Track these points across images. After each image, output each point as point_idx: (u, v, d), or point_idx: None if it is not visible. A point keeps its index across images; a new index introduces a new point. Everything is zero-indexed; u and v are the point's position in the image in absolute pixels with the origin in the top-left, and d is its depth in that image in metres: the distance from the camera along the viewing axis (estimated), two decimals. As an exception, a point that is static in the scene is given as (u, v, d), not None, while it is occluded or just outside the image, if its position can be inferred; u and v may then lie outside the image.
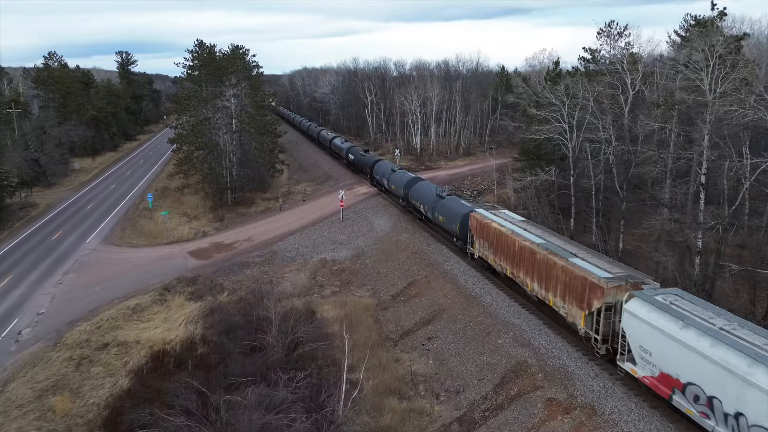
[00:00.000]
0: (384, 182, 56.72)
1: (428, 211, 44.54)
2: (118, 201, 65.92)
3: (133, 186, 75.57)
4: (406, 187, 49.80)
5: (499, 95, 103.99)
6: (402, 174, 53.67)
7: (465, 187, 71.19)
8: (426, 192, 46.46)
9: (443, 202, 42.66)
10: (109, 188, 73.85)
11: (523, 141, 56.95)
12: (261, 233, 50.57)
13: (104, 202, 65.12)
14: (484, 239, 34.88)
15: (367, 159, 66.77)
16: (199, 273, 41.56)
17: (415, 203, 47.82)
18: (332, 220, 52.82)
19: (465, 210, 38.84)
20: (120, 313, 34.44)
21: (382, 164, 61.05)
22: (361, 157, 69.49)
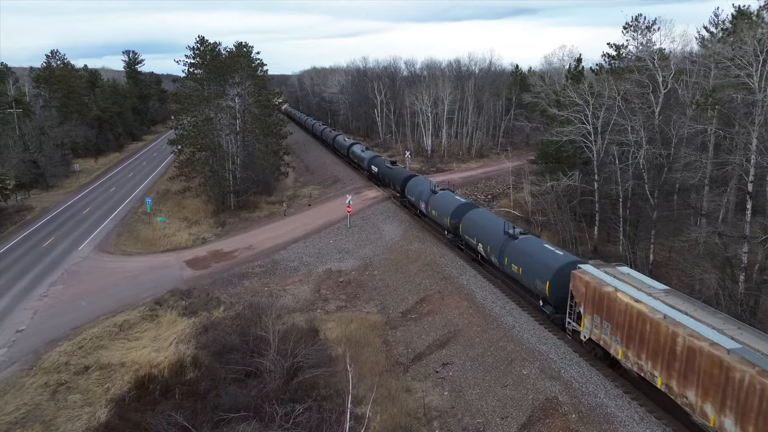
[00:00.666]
0: (420, 205, 46.01)
1: (493, 253, 32.48)
2: (117, 204, 63.28)
3: (133, 189, 73.00)
4: (455, 215, 38.96)
5: (513, 95, 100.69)
6: (448, 197, 42.29)
7: (479, 191, 67.85)
8: (487, 225, 34.96)
9: (517, 244, 30.23)
10: (108, 191, 71.29)
11: (541, 143, 53.57)
12: (263, 241, 47.59)
13: (102, 206, 62.50)
14: (603, 317, 22.81)
15: (396, 173, 55.07)
16: (195, 285, 38.63)
17: (469, 239, 36.81)
18: (339, 226, 49.76)
19: (560, 262, 26.46)
20: (105, 331, 31.54)
21: (417, 182, 49.17)
22: (387, 170, 58.28)
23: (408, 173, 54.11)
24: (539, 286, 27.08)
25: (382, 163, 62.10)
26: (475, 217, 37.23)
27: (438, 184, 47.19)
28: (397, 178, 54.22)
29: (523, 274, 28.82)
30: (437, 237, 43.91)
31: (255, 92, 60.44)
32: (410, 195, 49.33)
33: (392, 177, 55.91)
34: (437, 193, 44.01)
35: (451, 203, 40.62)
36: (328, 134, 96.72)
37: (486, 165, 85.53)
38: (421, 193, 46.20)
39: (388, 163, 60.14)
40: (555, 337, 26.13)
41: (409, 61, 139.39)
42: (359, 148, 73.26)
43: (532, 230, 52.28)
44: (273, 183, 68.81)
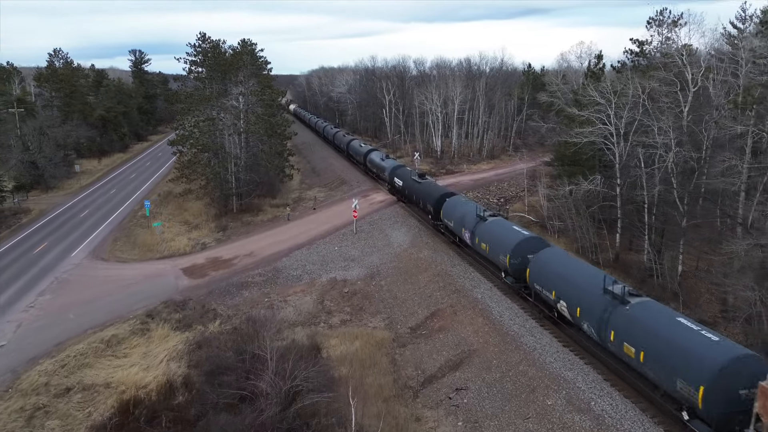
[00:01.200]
0: (464, 234, 36.69)
1: (593, 324, 22.57)
2: (116, 207, 61.20)
3: (135, 190, 70.96)
4: (516, 252, 29.61)
5: (526, 94, 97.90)
6: (503, 228, 32.99)
7: (491, 194, 65.16)
8: (572, 274, 25.65)
9: (631, 313, 21.09)
10: (109, 193, 69.29)
11: (559, 144, 50.82)
12: (265, 247, 45.22)
13: (101, 209, 60.45)
14: None
15: (428, 190, 45.07)
16: (191, 295, 36.30)
17: (543, 291, 27.01)
18: (344, 232, 47.29)
19: (722, 356, 17.67)
20: (91, 347, 29.26)
21: (457, 203, 39.97)
22: (415, 185, 47.99)
23: (443, 190, 43.98)
24: (683, 387, 18.29)
25: (407, 175, 51.44)
26: (552, 258, 27.53)
27: (486, 208, 38.31)
28: (429, 195, 44.17)
29: (656, 366, 19.65)
30: (448, 245, 41.33)
31: (258, 91, 58.12)
32: (447, 218, 40.00)
33: (422, 194, 45.76)
34: (487, 221, 34.43)
35: (510, 236, 31.18)
36: (341, 138, 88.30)
37: (497, 166, 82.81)
38: (464, 217, 37.08)
39: (415, 176, 49.29)
40: (582, 362, 23.49)
41: (418, 60, 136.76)
42: (378, 156, 64.44)
43: (548, 236, 49.63)
44: (277, 185, 66.51)
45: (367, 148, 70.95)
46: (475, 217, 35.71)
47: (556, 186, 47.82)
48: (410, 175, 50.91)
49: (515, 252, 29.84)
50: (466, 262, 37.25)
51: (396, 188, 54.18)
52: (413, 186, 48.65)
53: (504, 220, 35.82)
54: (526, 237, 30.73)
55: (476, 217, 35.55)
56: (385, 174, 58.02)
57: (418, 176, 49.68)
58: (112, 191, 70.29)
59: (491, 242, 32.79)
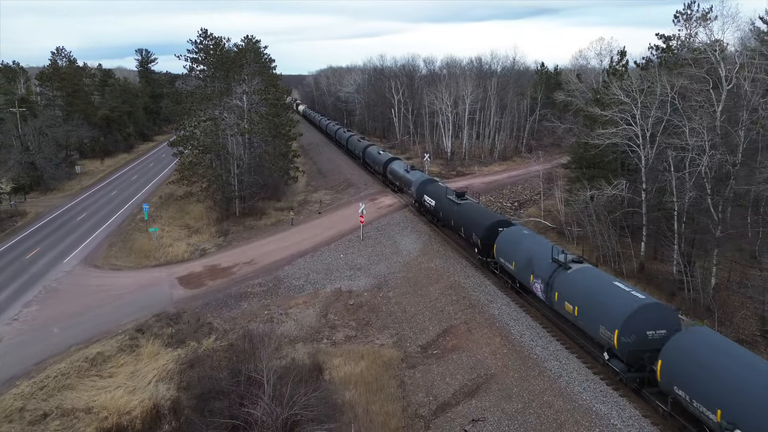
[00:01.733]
0: (534, 284, 27.18)
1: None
2: (115, 210, 59.10)
3: (136, 192, 68.92)
4: (630, 327, 20.37)
5: (539, 94, 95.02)
6: (604, 283, 23.33)
7: (504, 198, 62.44)
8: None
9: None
10: (109, 194, 67.24)
11: (578, 146, 48.04)
12: (267, 254, 42.82)
13: (99, 212, 58.36)
14: None
15: (472, 214, 35.95)
16: (185, 307, 33.93)
17: (691, 401, 17.58)
18: (350, 238, 44.80)
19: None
20: (74, 366, 26.95)
21: (518, 238, 30.62)
22: (452, 205, 38.95)
23: (495, 217, 34.69)
24: None
25: (441, 193, 41.68)
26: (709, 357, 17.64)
27: (565, 251, 27.78)
28: (474, 223, 34.67)
29: None
30: (461, 253, 38.71)
31: (262, 90, 55.79)
32: (505, 258, 30.42)
33: (464, 220, 36.19)
34: (571, 269, 24.88)
35: (617, 299, 21.46)
36: (355, 144, 79.40)
37: (510, 168, 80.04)
38: (531, 261, 27.38)
39: (453, 195, 39.92)
40: (617, 394, 20.81)
41: (428, 59, 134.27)
42: (401, 167, 55.04)
43: (565, 243, 46.91)
44: (282, 188, 64.15)
45: (387, 157, 62.01)
46: (549, 262, 26.26)
47: (575, 190, 45.08)
48: (445, 193, 41.23)
49: (627, 327, 20.30)
50: (481, 273, 34.61)
51: (426, 208, 45.00)
52: (450, 208, 39.16)
53: (596, 270, 25.51)
54: (645, 303, 20.65)
55: (552, 262, 26.14)
56: (411, 189, 48.92)
57: (456, 195, 39.89)
58: (113, 193, 68.25)
59: (584, 305, 22.89)
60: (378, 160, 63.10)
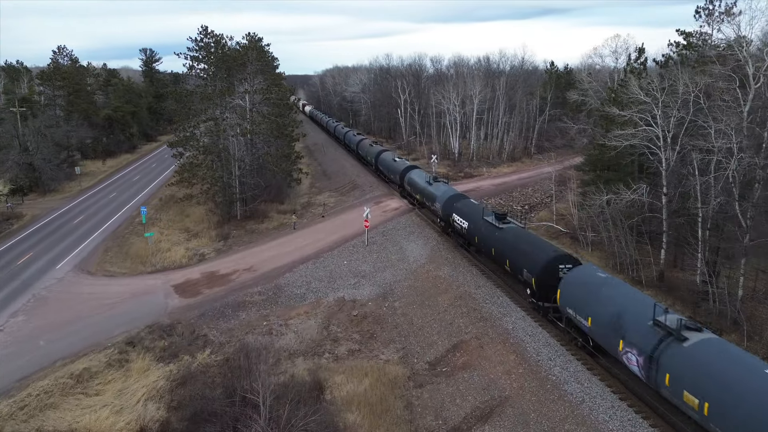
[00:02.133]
0: (628, 355, 19.94)
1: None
2: (113, 212, 57.52)
3: (136, 194, 67.38)
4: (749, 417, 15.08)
5: (549, 93, 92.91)
6: (750, 366, 16.50)
7: (514, 200, 60.40)
8: None
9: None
10: (108, 196, 65.70)
11: (593, 147, 45.96)
12: (267, 260, 41.03)
13: (97, 214, 56.79)
14: None
15: (522, 245, 29.34)
16: (180, 318, 32.17)
17: None
18: (355, 243, 42.94)
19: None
20: (58, 383, 25.22)
21: (596, 284, 23.21)
22: (492, 230, 32.13)
23: (557, 251, 28.21)
24: None
25: (476, 213, 34.73)
26: None
27: (669, 309, 20.18)
28: (526, 258, 28.14)
29: None
30: (471, 261, 36.77)
31: (264, 89, 54.02)
32: (580, 313, 22.96)
33: (511, 251, 29.47)
34: (687, 341, 17.77)
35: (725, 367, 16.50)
36: (367, 149, 71.17)
37: (519, 170, 78.02)
38: (620, 321, 20.45)
39: (492, 218, 32.99)
40: (647, 424, 18.81)
41: (435, 58, 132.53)
42: (421, 177, 47.06)
43: (580, 249, 44.92)
44: (285, 190, 62.36)
45: (404, 164, 54.49)
46: (650, 326, 19.09)
47: (590, 193, 43.05)
48: (481, 214, 34.26)
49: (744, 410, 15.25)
50: (492, 283, 32.66)
51: (456, 229, 38.04)
52: (489, 234, 32.11)
53: (726, 343, 18.28)
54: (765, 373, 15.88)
55: (654, 327, 18.92)
56: (435, 205, 41.48)
57: (496, 218, 32.62)
58: (113, 195, 66.72)
59: (714, 398, 16.14)
60: (394, 168, 53.99)
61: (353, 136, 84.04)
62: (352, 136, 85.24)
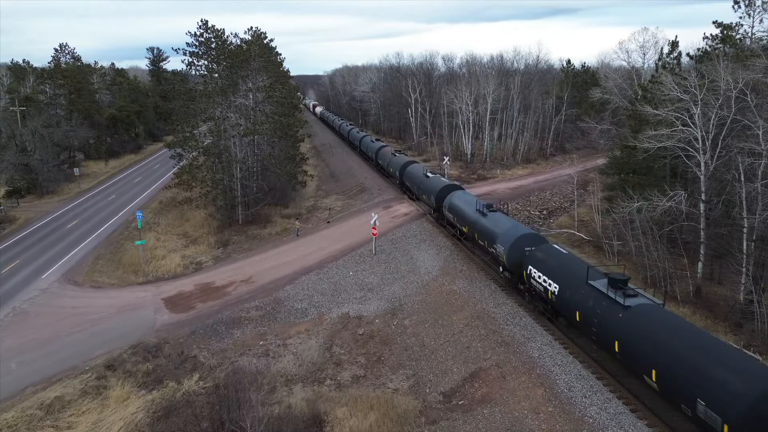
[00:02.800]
0: None
1: None
2: (110, 216, 54.93)
3: (136, 196, 64.80)
4: None
5: (565, 93, 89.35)
6: None
7: (532, 205, 57.05)
8: None
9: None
10: (107, 199, 63.17)
11: (620, 149, 42.56)
12: (267, 270, 38.08)
13: (93, 218, 54.22)
14: None
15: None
16: (168, 336, 29.28)
17: None
18: (362, 252, 39.88)
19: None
20: (25, 415, 22.38)
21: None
22: (615, 307, 20.98)
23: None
24: None
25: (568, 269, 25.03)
26: None
27: None
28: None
29: None
30: (488, 274, 33.56)
31: (268, 87, 51.11)
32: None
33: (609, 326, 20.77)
34: None
35: None
36: (388, 158, 61.89)
37: (535, 172, 74.55)
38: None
39: (555, 253, 27.14)
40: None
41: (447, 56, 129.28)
42: (470, 203, 36.95)
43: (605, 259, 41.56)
44: (289, 193, 59.44)
45: (440, 183, 43.55)
46: None
47: (617, 199, 39.69)
48: (550, 253, 27.21)
49: None
50: (514, 301, 29.45)
51: (539, 294, 26.98)
52: (610, 318, 20.81)
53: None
54: None
55: None
56: (495, 246, 30.61)
57: (594, 283, 22.69)
58: (111, 197, 64.18)
59: None
60: (429, 188, 44.95)
61: (371, 142, 76.80)
62: (369, 142, 77.73)
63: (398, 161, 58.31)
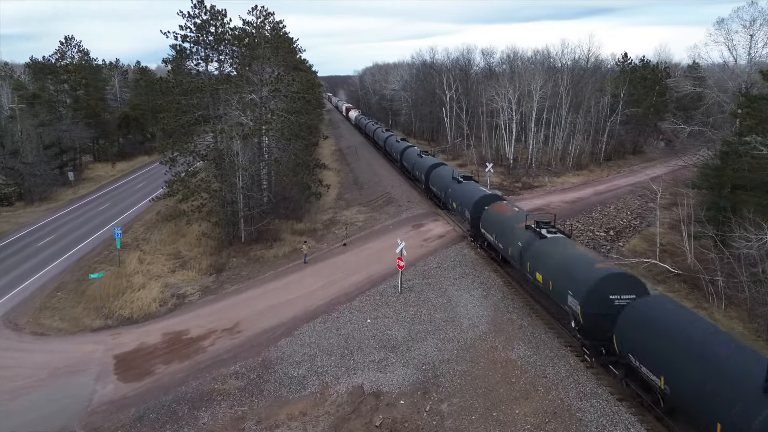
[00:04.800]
0: None
1: None
2: (93, 231, 47.16)
3: (133, 205, 57.07)
4: None
5: (622, 90, 78.54)
6: None
7: (595, 224, 46.85)
8: None
9: None
10: (98, 208, 55.59)
11: (721, 156, 32.31)
12: (260, 313, 29.27)
13: (72, 233, 46.51)
14: None
15: None
16: (103, 426, 20.59)
17: None
18: (384, 289, 30.74)
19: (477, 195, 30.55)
20: None
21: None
22: None
23: None
24: None
25: (681, 327, 16.22)
26: None
27: None
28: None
29: None
30: (561, 334, 23.95)
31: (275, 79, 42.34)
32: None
33: None
34: None
35: None
36: (417, 161, 52.39)
37: (591, 181, 64.25)
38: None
39: None
40: None
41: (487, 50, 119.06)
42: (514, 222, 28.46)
43: (701, 301, 31.50)
44: (303, 205, 50.69)
45: (476, 191, 35.28)
46: None
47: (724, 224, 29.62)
48: None
49: None
50: (608, 389, 19.75)
51: (643, 381, 17.74)
52: None
53: None
54: None
55: None
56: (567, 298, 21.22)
57: None
58: (104, 206, 56.58)
59: None
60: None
61: (395, 142, 67.71)
62: (394, 142, 68.69)
63: (424, 163, 49.99)
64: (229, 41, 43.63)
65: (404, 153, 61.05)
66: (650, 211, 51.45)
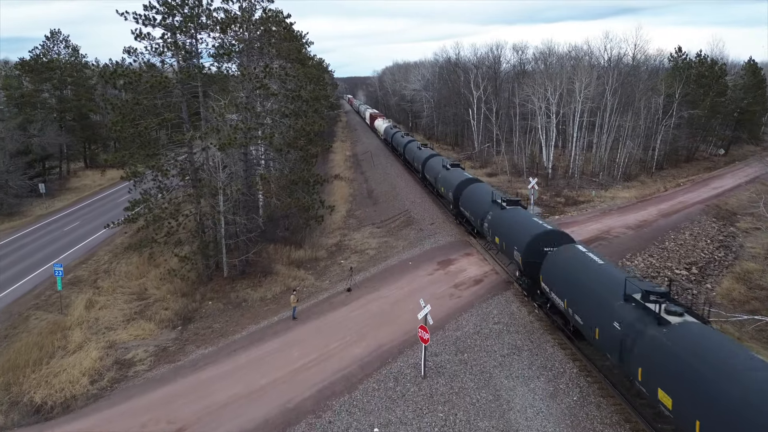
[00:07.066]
0: None
1: None
2: (45, 260, 38.66)
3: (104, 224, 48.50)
4: None
5: (677, 90, 68.18)
6: None
7: (671, 257, 36.76)
8: None
9: None
10: (63, 229, 47.13)
11: None
12: (216, 412, 20.10)
13: (19, 263, 38.06)
14: None
15: None
16: None
17: None
18: (400, 369, 21.39)
19: None
20: None
21: None
22: None
23: None
24: None
25: None
26: None
27: None
28: None
29: None
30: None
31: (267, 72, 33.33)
32: None
33: None
34: None
35: None
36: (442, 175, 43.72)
37: (648, 195, 54.14)
38: None
39: None
40: None
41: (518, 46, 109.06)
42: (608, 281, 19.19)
43: None
44: (303, 229, 41.64)
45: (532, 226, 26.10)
46: None
47: None
48: None
49: None
50: None
51: None
52: None
53: None
54: None
55: None
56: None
57: None
58: (71, 225, 48.10)
59: None
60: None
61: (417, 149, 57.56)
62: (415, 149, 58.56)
63: (451, 180, 40.22)
64: (209, 26, 34.75)
65: (426, 163, 51.70)
66: (733, 238, 41.37)
